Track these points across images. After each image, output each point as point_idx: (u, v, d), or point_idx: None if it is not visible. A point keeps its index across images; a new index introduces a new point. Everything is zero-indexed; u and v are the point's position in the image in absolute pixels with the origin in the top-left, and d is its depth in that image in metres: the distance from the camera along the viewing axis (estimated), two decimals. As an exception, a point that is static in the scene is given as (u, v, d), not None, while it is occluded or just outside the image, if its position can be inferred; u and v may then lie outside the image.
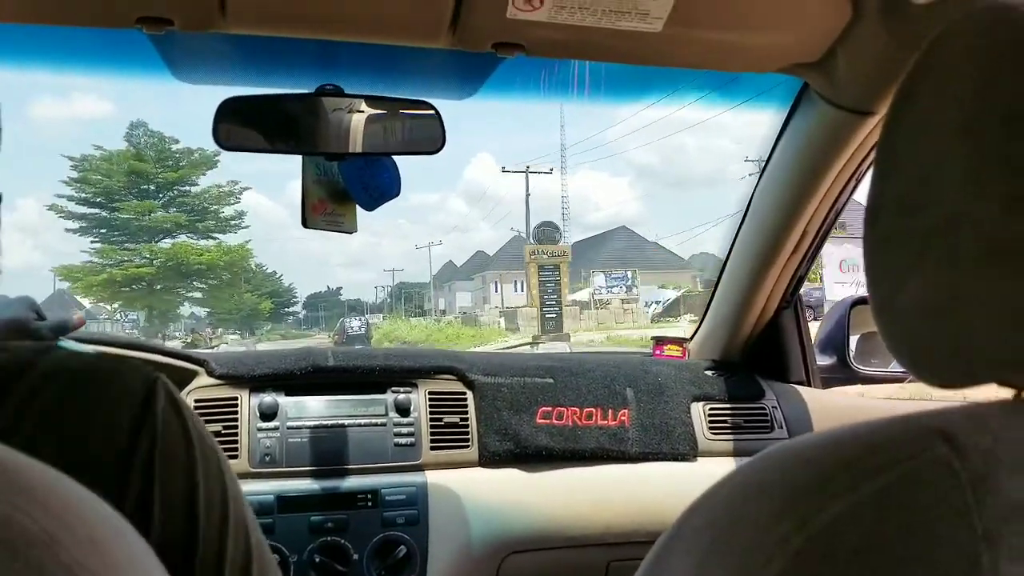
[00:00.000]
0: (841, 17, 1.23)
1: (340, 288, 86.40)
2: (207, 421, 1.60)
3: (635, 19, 1.21)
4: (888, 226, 0.62)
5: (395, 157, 1.48)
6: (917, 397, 1.84)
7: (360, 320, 11.49)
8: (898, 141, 0.62)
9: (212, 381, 1.66)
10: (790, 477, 0.58)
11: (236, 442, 1.61)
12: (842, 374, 2.06)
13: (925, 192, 0.58)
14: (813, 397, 1.91)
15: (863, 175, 1.61)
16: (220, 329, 58.44)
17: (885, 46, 1.27)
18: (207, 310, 58.74)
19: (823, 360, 2.06)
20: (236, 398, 1.65)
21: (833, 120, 1.49)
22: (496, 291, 51.36)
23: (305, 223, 1.51)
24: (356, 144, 1.41)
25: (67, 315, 1.31)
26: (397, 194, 1.52)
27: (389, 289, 76.21)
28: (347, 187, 1.50)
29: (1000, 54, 0.54)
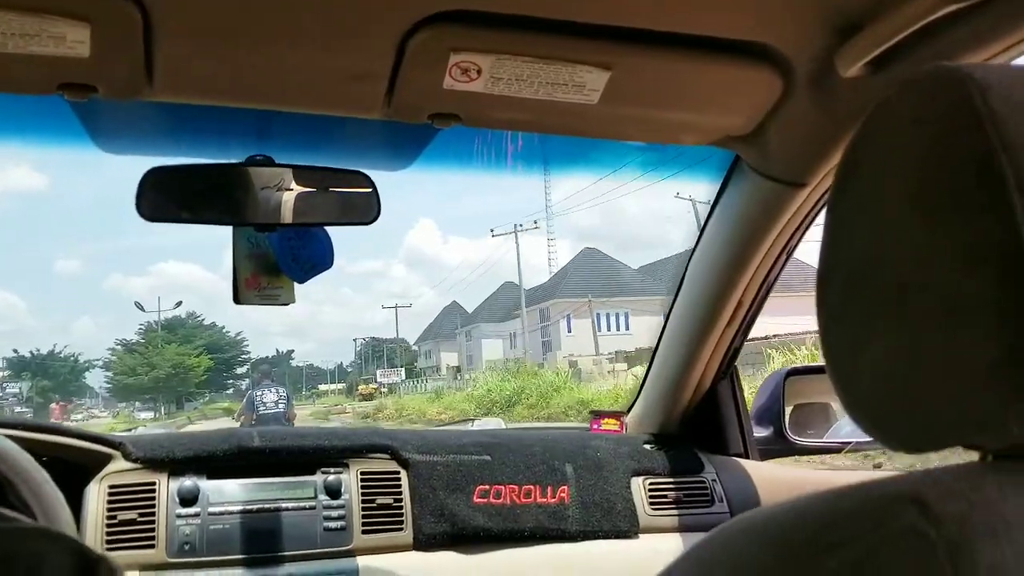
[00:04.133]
0: (772, 92, 1.26)
1: (291, 351, 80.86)
2: (122, 508, 1.50)
3: (571, 91, 1.22)
4: (841, 295, 0.62)
5: (330, 228, 1.44)
6: (856, 468, 1.85)
7: (275, 392, 9.74)
8: (845, 212, 0.62)
9: (128, 465, 1.57)
10: (752, 554, 0.56)
11: (153, 530, 1.51)
12: (778, 445, 2.05)
13: (876, 259, 0.58)
14: (752, 470, 1.90)
15: (796, 245, 1.63)
16: (124, 404, 54.30)
17: (815, 120, 1.30)
18: (113, 380, 53.23)
19: (759, 432, 2.05)
20: (154, 483, 1.55)
21: (765, 191, 1.51)
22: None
23: (237, 299, 1.45)
24: (288, 215, 1.38)
25: None
26: (330, 265, 1.49)
27: (358, 349, 70.67)
28: (277, 258, 1.45)
29: (941, 120, 0.54)
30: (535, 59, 1.15)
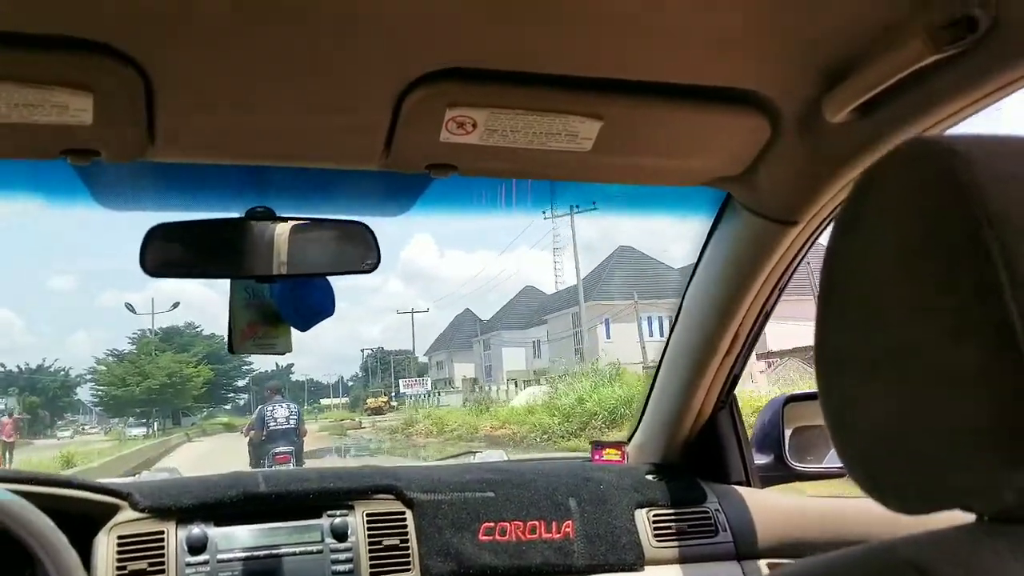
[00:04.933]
0: (761, 136, 1.28)
1: (291, 365, 74.70)
2: (131, 558, 1.51)
3: (564, 140, 1.24)
4: (837, 349, 0.63)
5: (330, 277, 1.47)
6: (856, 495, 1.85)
7: (287, 408, 9.48)
8: (842, 263, 0.64)
9: (136, 515, 1.58)
10: None
11: None
12: (779, 472, 2.06)
13: (873, 315, 0.60)
14: (754, 498, 1.91)
15: (789, 280, 1.65)
16: (117, 420, 49.20)
17: (804, 161, 1.33)
18: (99, 392, 48.95)
19: (760, 458, 2.06)
20: (162, 532, 1.56)
21: (757, 229, 1.54)
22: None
23: (232, 349, 1.47)
24: (289, 266, 1.40)
25: None
26: (331, 312, 1.50)
27: (363, 361, 67.01)
28: (279, 308, 1.47)
29: (927, 193, 0.56)
30: (528, 111, 1.18)
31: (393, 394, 53.23)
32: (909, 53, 1.01)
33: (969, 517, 0.59)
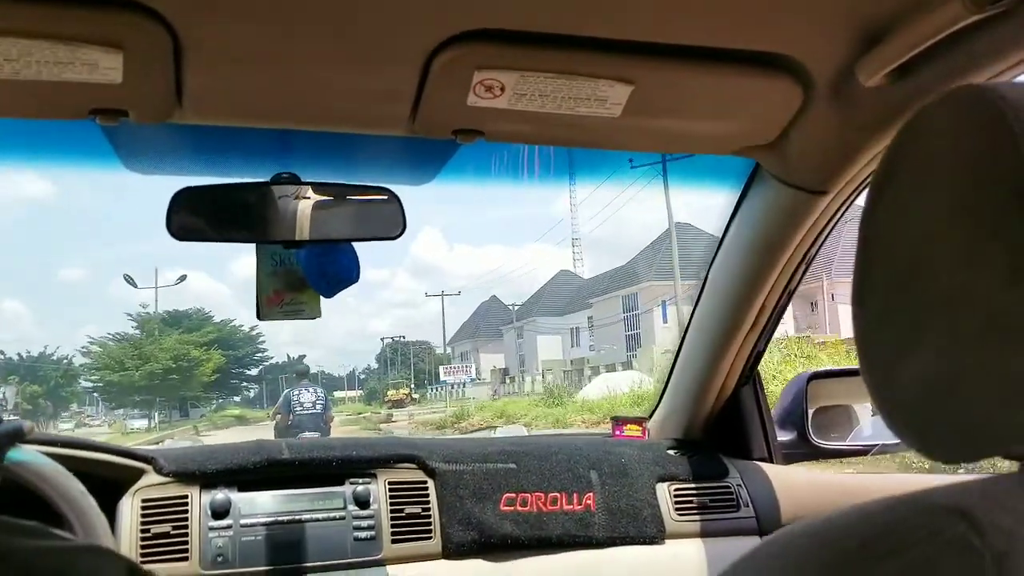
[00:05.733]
0: (793, 102, 1.26)
1: (303, 356, 70.61)
2: (156, 522, 1.53)
3: (594, 105, 1.23)
4: (879, 305, 0.62)
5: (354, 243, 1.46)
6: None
7: (313, 392, 9.41)
8: (881, 223, 0.63)
9: (160, 479, 1.59)
10: (810, 558, 0.57)
11: (186, 543, 1.53)
12: (802, 449, 2.05)
13: (916, 270, 0.59)
14: (776, 474, 1.91)
15: (817, 252, 1.64)
16: (122, 411, 44.48)
17: (836, 128, 1.31)
18: (93, 378, 43.55)
19: (783, 436, 2.05)
20: (186, 496, 1.57)
21: (787, 199, 1.52)
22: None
23: (260, 315, 1.47)
24: (314, 232, 1.40)
25: (20, 422, 1.26)
26: (356, 279, 1.50)
27: (381, 350, 63.69)
28: (305, 274, 1.47)
29: (976, 139, 0.55)
30: (558, 75, 1.16)
31: (428, 383, 50.63)
32: (947, 14, 0.99)
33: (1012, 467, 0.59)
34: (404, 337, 66.56)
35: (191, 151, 1.44)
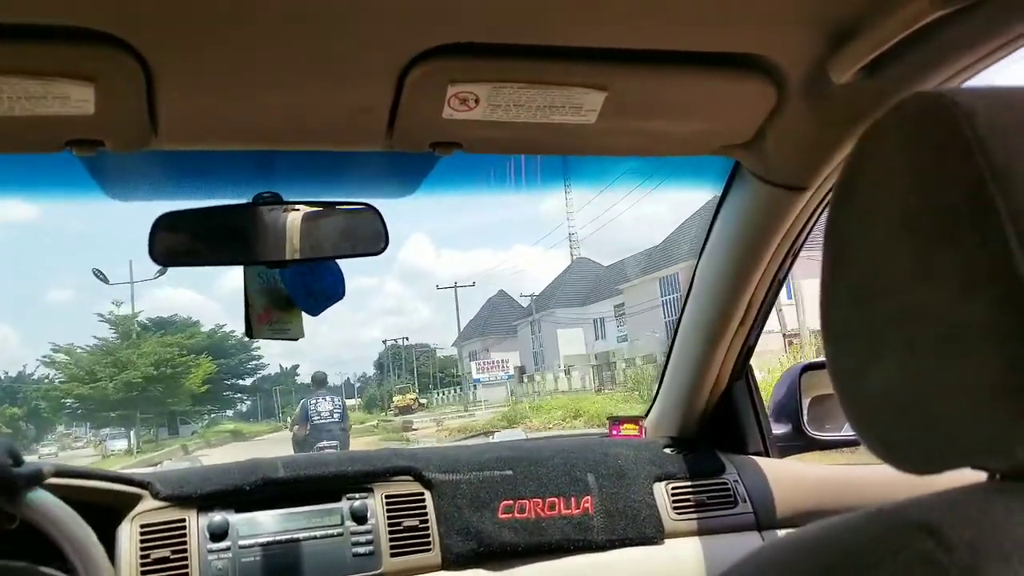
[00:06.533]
0: (767, 101, 1.27)
1: (296, 366, 68.00)
2: (154, 547, 1.53)
3: (569, 113, 1.23)
4: (843, 316, 0.63)
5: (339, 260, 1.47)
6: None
7: (331, 401, 9.92)
8: (843, 231, 0.63)
9: (157, 504, 1.59)
10: None
11: (186, 566, 1.53)
12: (798, 441, 2.06)
13: (876, 282, 0.59)
14: (773, 468, 1.91)
15: (802, 246, 1.64)
16: (106, 432, 37.82)
17: (812, 126, 1.31)
18: (56, 393, 37.29)
19: (778, 428, 2.06)
20: (184, 520, 1.57)
21: (767, 196, 1.53)
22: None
23: (250, 333, 1.48)
24: (298, 250, 1.40)
25: (40, 464, 1.28)
26: (342, 296, 1.51)
27: (380, 355, 60.72)
28: (290, 293, 1.47)
29: (930, 147, 0.55)
30: (531, 84, 1.17)
31: (432, 387, 48.47)
32: (916, 9, 0.99)
33: (982, 476, 0.59)
34: (407, 339, 64.75)
35: (171, 176, 1.44)
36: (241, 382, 49.95)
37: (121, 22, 0.98)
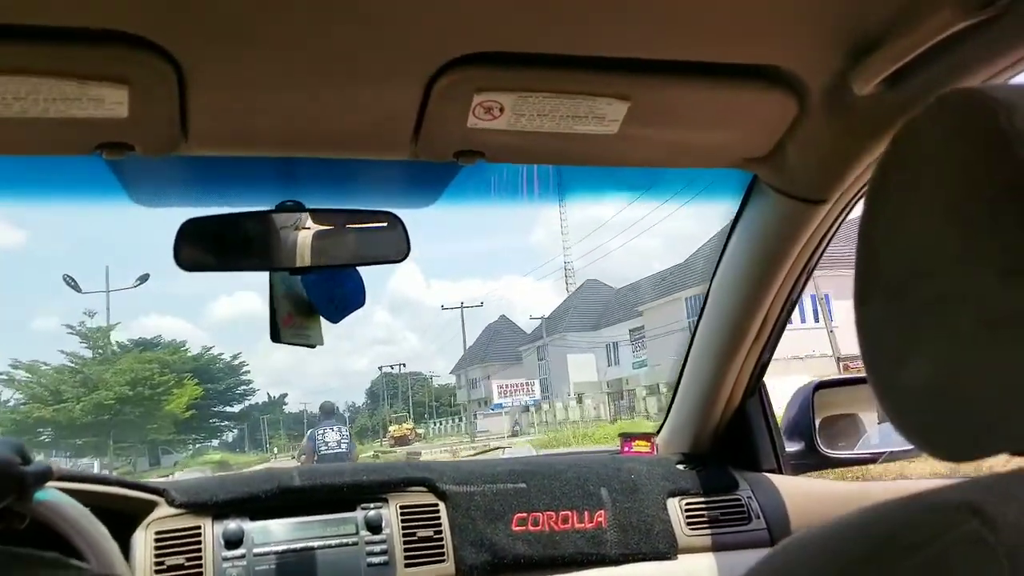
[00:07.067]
0: (787, 113, 1.28)
1: (285, 395, 67.81)
2: (169, 553, 1.53)
3: (591, 123, 1.25)
4: (880, 308, 0.64)
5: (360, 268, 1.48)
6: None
7: (337, 432, 10.01)
8: (878, 228, 0.64)
9: (172, 511, 1.59)
10: (828, 560, 0.57)
11: (201, 574, 1.53)
12: (810, 459, 2.06)
13: (914, 272, 0.60)
14: (786, 485, 1.91)
15: (818, 261, 1.65)
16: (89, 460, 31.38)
17: (832, 137, 1.33)
18: (15, 417, 30.78)
19: (791, 446, 2.06)
20: (199, 527, 1.57)
21: (785, 210, 1.54)
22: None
23: (275, 337, 1.49)
24: (320, 257, 1.41)
25: (47, 464, 1.28)
26: (362, 304, 1.52)
27: (369, 387, 58.90)
28: (311, 299, 1.48)
29: (970, 141, 0.57)
30: (556, 94, 1.19)
31: (428, 416, 46.26)
32: (938, 20, 1.00)
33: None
34: (404, 366, 62.17)
35: (196, 182, 1.46)
36: (229, 409, 45.19)
37: (156, 25, 0.99)
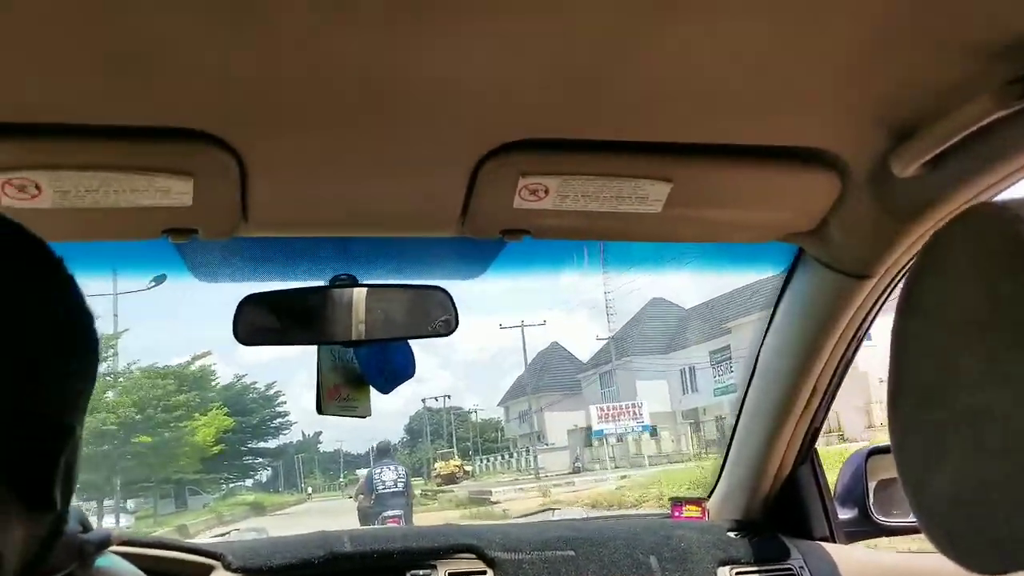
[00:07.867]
0: (831, 191, 1.29)
1: (319, 433, 60.10)
2: None
3: (635, 203, 1.28)
4: (911, 416, 0.65)
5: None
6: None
7: (394, 471, 10.38)
8: (911, 334, 0.65)
9: (228, 575, 1.63)
10: None
11: None
12: (865, 527, 2.01)
13: (943, 383, 0.61)
14: (839, 554, 1.87)
15: (867, 331, 1.64)
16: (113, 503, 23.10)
17: (875, 215, 1.33)
18: None
19: (844, 513, 2.02)
20: None
21: (832, 283, 1.54)
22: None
23: (320, 409, 1.53)
24: (372, 331, 1.45)
25: (107, 530, 1.32)
26: (412, 375, 1.55)
27: (408, 424, 55.81)
28: (363, 371, 1.52)
29: (994, 258, 0.58)
30: (599, 176, 1.22)
31: (472, 453, 44.35)
32: (977, 108, 1.02)
33: None
34: (449, 398, 59.95)
35: (255, 260, 1.52)
36: (263, 444, 39.56)
37: (218, 121, 1.06)
